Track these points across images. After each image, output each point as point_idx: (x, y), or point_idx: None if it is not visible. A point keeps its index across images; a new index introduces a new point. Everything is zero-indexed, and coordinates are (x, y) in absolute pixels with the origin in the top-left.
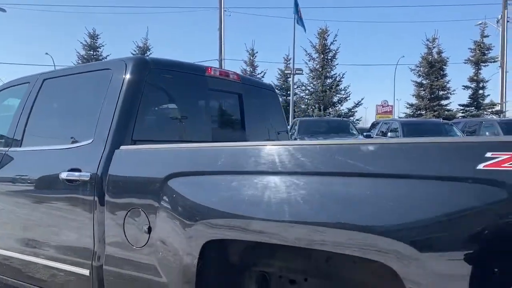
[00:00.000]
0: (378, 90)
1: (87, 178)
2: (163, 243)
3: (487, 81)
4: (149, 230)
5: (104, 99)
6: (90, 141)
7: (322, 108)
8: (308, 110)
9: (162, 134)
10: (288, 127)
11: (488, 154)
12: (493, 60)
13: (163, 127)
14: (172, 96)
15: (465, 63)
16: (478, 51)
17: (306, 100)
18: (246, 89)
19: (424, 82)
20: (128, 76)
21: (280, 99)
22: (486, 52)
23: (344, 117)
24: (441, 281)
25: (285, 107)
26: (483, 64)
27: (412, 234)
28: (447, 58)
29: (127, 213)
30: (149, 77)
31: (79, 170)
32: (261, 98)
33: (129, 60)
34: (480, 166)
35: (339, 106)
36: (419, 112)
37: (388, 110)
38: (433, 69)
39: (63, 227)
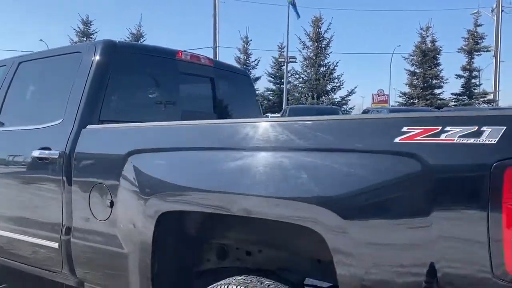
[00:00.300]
0: (376, 80)
1: (56, 156)
2: (123, 216)
3: (479, 70)
4: (112, 204)
5: (74, 81)
6: (60, 121)
7: (315, 96)
8: (302, 98)
9: (130, 116)
10: (280, 114)
11: (404, 129)
12: (486, 50)
13: (130, 109)
14: (140, 79)
15: (458, 52)
16: (471, 40)
17: (300, 88)
18: (218, 74)
19: (417, 71)
20: (96, 58)
21: (274, 87)
22: (479, 41)
23: (336, 106)
24: (362, 249)
25: (279, 95)
26: (476, 53)
27: (338, 203)
28: (441, 47)
29: (92, 188)
30: (117, 60)
31: (49, 149)
32: (234, 83)
33: (98, 43)
34: (397, 140)
35: (333, 94)
36: (411, 101)
37: (384, 99)
38: (426, 58)
39: (35, 202)
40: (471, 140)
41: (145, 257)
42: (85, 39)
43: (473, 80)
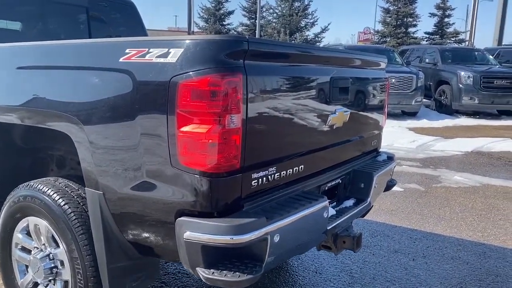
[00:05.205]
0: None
1: None
2: None
3: (453, 9)
4: None
5: None
6: None
7: (288, 32)
8: (274, 35)
9: None
10: None
11: (127, 50)
12: None
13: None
14: (7, 8)
15: None
16: None
17: (274, 24)
18: (94, 2)
19: (391, 8)
20: None
21: (248, 22)
22: None
23: (309, 43)
24: (94, 147)
25: (254, 31)
26: None
27: (79, 111)
28: None
29: None
30: None
31: None
32: (114, 12)
33: None
34: (121, 59)
35: (306, 31)
36: (383, 39)
37: (369, 38)
38: None
39: None
40: (162, 60)
41: None
42: None
43: (446, 19)
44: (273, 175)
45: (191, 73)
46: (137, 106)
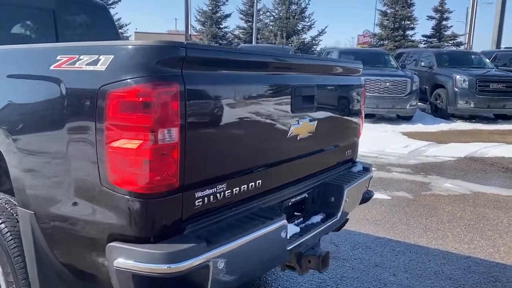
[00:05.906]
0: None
1: None
2: None
3: (451, 12)
4: None
5: None
6: None
7: (285, 35)
8: (271, 38)
9: None
10: None
11: (58, 57)
12: None
13: None
14: None
15: None
16: None
17: (271, 27)
18: (61, 5)
19: (388, 11)
20: None
21: (245, 25)
22: None
23: (306, 46)
24: (24, 159)
25: (251, 34)
26: None
27: (8, 122)
28: None
29: None
30: None
31: None
32: (84, 14)
33: None
34: (52, 67)
35: (303, 34)
36: (381, 42)
37: (368, 41)
38: None
39: None
40: (91, 67)
41: None
42: None
43: (444, 22)
44: (222, 193)
45: (120, 82)
46: (66, 119)
